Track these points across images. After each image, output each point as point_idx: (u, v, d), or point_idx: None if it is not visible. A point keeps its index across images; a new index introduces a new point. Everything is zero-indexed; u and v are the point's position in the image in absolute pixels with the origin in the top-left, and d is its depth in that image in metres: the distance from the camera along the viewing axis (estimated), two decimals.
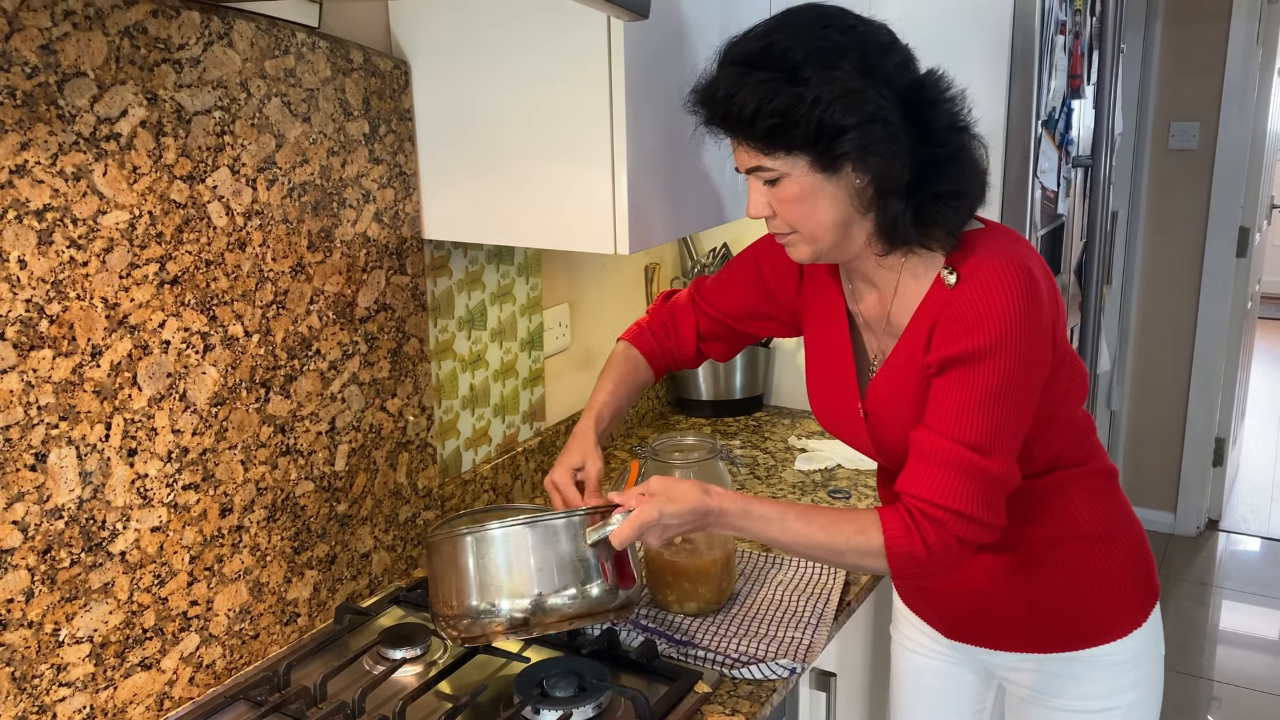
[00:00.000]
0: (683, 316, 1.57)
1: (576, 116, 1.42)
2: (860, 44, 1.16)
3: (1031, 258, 1.22)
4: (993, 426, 1.18)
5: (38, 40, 1.08)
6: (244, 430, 1.37)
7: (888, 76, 1.16)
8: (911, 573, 1.21)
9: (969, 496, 1.18)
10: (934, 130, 1.18)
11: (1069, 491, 1.36)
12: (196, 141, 1.26)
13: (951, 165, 1.20)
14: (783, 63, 1.14)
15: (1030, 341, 1.18)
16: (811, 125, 1.14)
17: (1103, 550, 1.37)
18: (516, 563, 1.24)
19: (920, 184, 1.18)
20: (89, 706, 1.23)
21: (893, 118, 1.15)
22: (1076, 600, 1.37)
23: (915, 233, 1.21)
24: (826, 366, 1.41)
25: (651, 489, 1.23)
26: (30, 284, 1.11)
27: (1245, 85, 3.76)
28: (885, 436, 1.34)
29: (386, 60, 1.51)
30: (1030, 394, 1.21)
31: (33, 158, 1.09)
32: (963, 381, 1.19)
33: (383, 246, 1.54)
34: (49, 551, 1.16)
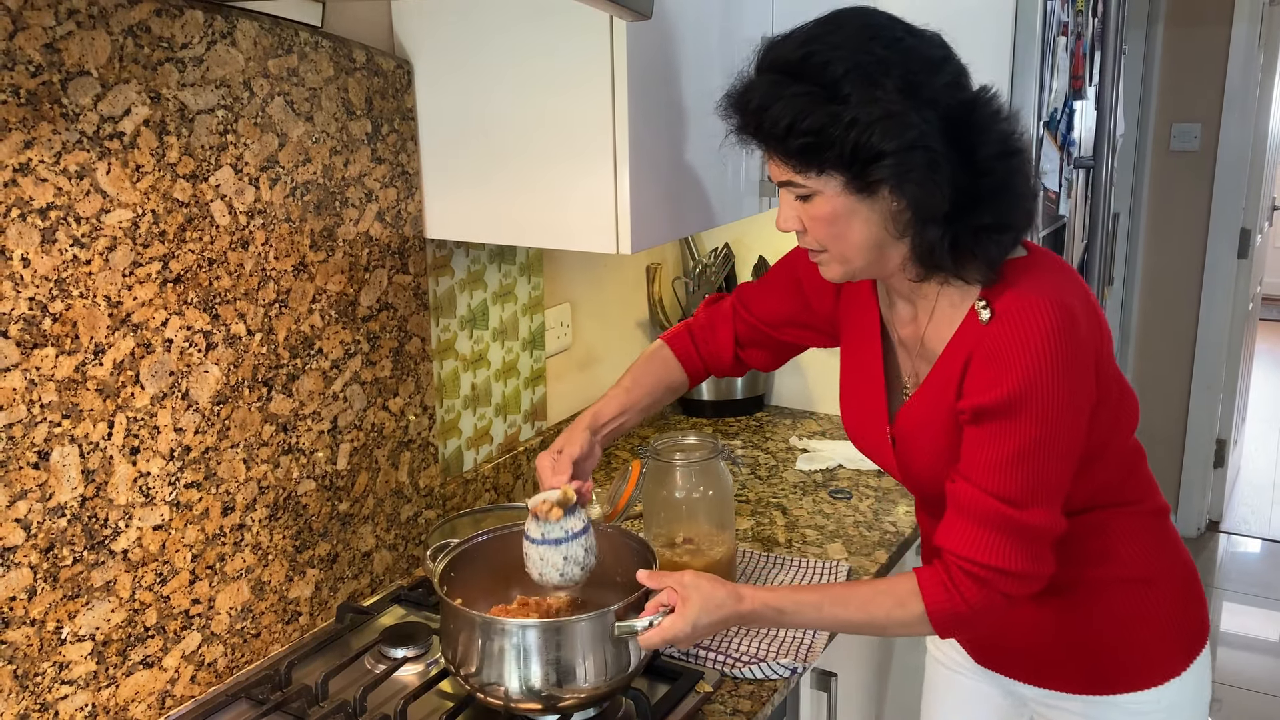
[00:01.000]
0: (721, 321, 1.52)
1: (579, 116, 1.42)
2: (906, 60, 1.09)
3: (1072, 291, 1.16)
4: (1030, 479, 1.13)
5: (41, 39, 1.08)
6: (246, 429, 1.37)
7: (933, 97, 1.09)
8: (959, 631, 1.19)
9: (1011, 553, 1.14)
10: (979, 158, 1.11)
11: (1109, 531, 1.29)
12: (199, 140, 1.26)
13: (996, 196, 1.13)
14: (822, 76, 1.08)
15: (1068, 386, 1.12)
16: (846, 148, 1.08)
17: (1142, 594, 1.30)
18: (535, 655, 1.21)
19: (960, 214, 1.12)
20: (91, 704, 1.23)
21: (934, 144, 1.08)
22: (1109, 644, 1.31)
23: (952, 263, 1.15)
24: (858, 385, 1.37)
25: (686, 592, 1.21)
26: (33, 282, 1.11)
27: (1246, 87, 3.76)
28: (912, 465, 1.30)
29: (389, 60, 1.51)
30: (1070, 440, 1.15)
31: (36, 156, 1.10)
32: (997, 434, 1.13)
33: (385, 246, 1.54)
34: (51, 549, 1.16)
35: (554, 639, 1.21)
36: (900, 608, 1.18)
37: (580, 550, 1.32)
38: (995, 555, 1.14)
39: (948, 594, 1.16)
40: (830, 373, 2.34)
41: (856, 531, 1.80)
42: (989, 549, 1.14)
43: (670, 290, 2.36)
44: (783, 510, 1.89)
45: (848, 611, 1.20)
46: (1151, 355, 4.11)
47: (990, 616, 1.17)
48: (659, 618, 1.21)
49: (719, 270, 2.31)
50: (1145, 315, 4.09)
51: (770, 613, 1.22)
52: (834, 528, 1.82)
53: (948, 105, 1.10)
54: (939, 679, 1.57)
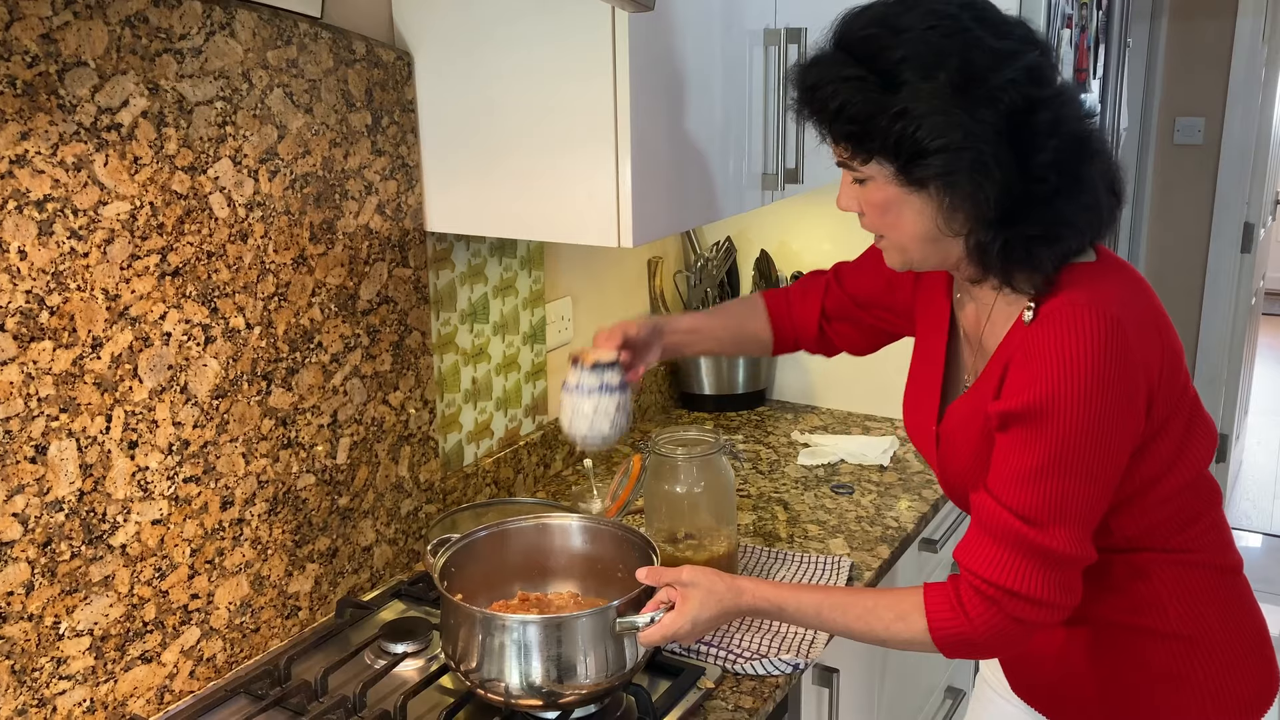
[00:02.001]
0: (813, 290, 1.49)
1: (581, 109, 1.41)
2: (967, 51, 1.03)
3: (1133, 305, 1.08)
4: (1052, 498, 1.06)
5: (38, 29, 1.07)
6: (245, 423, 1.36)
7: (992, 95, 1.02)
8: (965, 653, 1.14)
9: (1025, 574, 1.07)
10: (1034, 164, 1.04)
11: (1154, 578, 1.19)
12: (198, 132, 1.25)
13: (1050, 205, 1.06)
14: (878, 61, 1.04)
15: (1101, 404, 1.04)
16: (891, 139, 1.04)
17: (1183, 653, 1.20)
18: (535, 652, 1.21)
19: (1011, 220, 1.06)
20: (89, 699, 1.22)
21: (984, 145, 1.02)
22: (1141, 697, 1.22)
23: (1001, 269, 1.10)
24: (919, 376, 1.34)
25: (685, 587, 1.20)
26: (30, 275, 1.10)
27: (1251, 80, 3.75)
28: (948, 468, 1.26)
29: (389, 51, 1.50)
30: (1099, 463, 1.07)
31: (33, 148, 1.09)
32: (1022, 443, 1.07)
33: (385, 239, 1.53)
34: (49, 544, 1.15)
35: (554, 635, 1.20)
36: (901, 621, 1.14)
37: (612, 405, 1.31)
38: (1007, 575, 1.08)
39: (953, 612, 1.11)
40: (831, 368, 2.34)
41: (859, 527, 1.79)
42: (1002, 568, 1.08)
43: (672, 284, 2.35)
44: (784, 505, 1.88)
45: (847, 619, 1.18)
46: None
47: (999, 641, 1.11)
48: (659, 614, 1.20)
49: (721, 264, 2.30)
50: None
51: (770, 608, 1.21)
52: (836, 523, 1.81)
53: (1010, 103, 1.03)
54: (987, 703, 1.48)
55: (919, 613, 1.13)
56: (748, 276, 2.37)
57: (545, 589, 1.44)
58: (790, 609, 1.20)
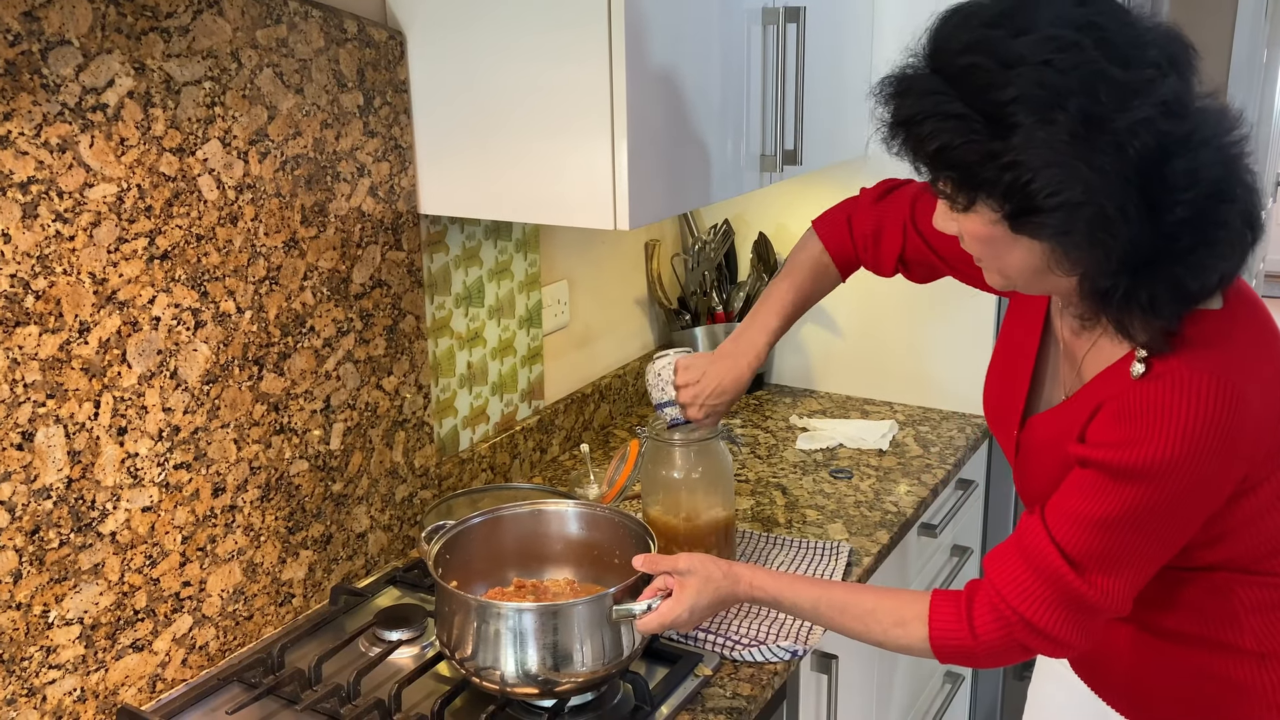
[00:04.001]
0: (890, 234, 1.38)
1: (576, 89, 1.39)
2: (1092, 86, 0.89)
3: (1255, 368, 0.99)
4: (1106, 550, 1.02)
5: (20, 6, 1.05)
6: (236, 408, 1.34)
7: (1119, 140, 0.89)
8: (959, 662, 1.13)
9: (1046, 608, 1.05)
10: (1168, 221, 0.92)
11: (1235, 596, 1.14)
12: (186, 113, 1.23)
13: (1178, 263, 0.95)
14: (986, 100, 0.91)
15: (1196, 481, 0.98)
16: (1000, 189, 0.93)
17: (1253, 669, 1.15)
18: (531, 639, 1.20)
19: (1136, 272, 0.95)
20: (80, 688, 1.21)
21: (1109, 200, 0.90)
22: (1209, 709, 1.18)
23: (1117, 317, 0.99)
24: (1004, 373, 1.27)
25: (683, 576, 1.19)
26: (15, 259, 1.08)
27: (1252, 62, 3.73)
28: (1027, 478, 1.22)
29: (381, 30, 1.47)
30: (1176, 530, 1.03)
31: (16, 128, 1.06)
32: (1096, 491, 1.02)
33: (378, 221, 1.51)
34: (37, 532, 1.14)
35: (550, 622, 1.19)
36: (899, 628, 1.13)
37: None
38: (1030, 606, 1.06)
39: (959, 624, 1.09)
40: (831, 351, 2.32)
41: (857, 511, 1.78)
42: (1028, 597, 1.06)
43: (669, 267, 2.33)
44: (783, 490, 1.87)
45: (844, 619, 1.17)
46: None
47: (997, 659, 1.10)
48: (656, 601, 1.19)
49: (719, 247, 2.27)
50: None
51: (767, 598, 1.20)
52: (834, 508, 1.79)
53: (1140, 149, 0.90)
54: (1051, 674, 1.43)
55: (920, 622, 1.12)
56: (746, 259, 2.35)
57: (541, 575, 1.43)
58: (787, 601, 1.19)
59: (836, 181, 2.12)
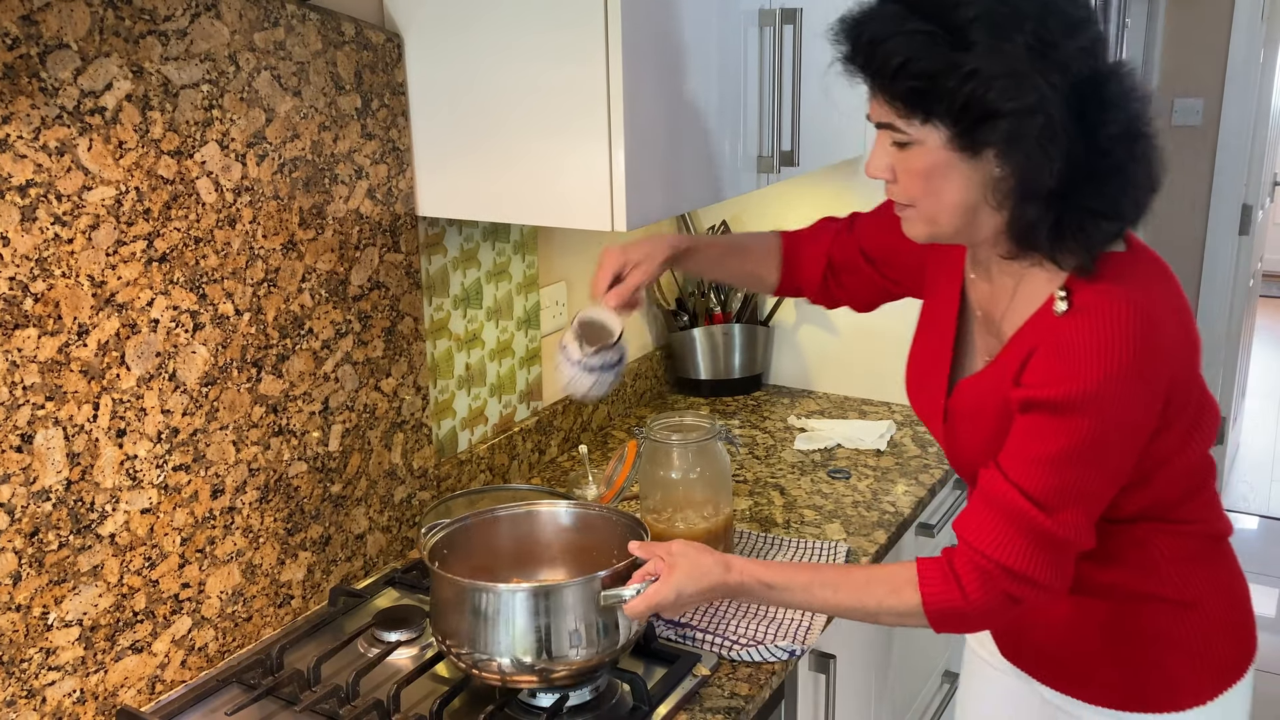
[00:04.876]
0: (824, 235, 1.44)
1: (573, 90, 1.39)
2: (1044, 15, 1.00)
3: (1164, 300, 1.08)
4: (1064, 486, 1.07)
5: (18, 10, 1.05)
6: (235, 410, 1.34)
7: (1065, 61, 1.00)
8: (956, 626, 1.15)
9: (1024, 554, 1.08)
10: (1101, 136, 1.03)
11: (1154, 546, 1.21)
12: (184, 116, 1.23)
13: (1111, 179, 1.05)
14: (948, 18, 0.99)
15: (1130, 402, 1.05)
16: (959, 100, 1.00)
17: (1176, 617, 1.22)
18: (524, 622, 1.20)
19: (1068, 193, 1.04)
20: (79, 690, 1.21)
21: (1056, 112, 1.00)
22: (1133, 661, 1.24)
23: (1049, 245, 1.07)
24: (926, 349, 1.32)
25: (673, 558, 1.19)
26: (14, 262, 1.09)
27: (1249, 61, 3.72)
28: (957, 445, 1.25)
29: (379, 33, 1.48)
30: (1120, 457, 1.09)
31: (14, 132, 1.07)
32: (1044, 431, 1.07)
33: (376, 223, 1.51)
34: (36, 534, 1.14)
35: (541, 604, 1.20)
36: (894, 596, 1.14)
37: (610, 377, 1.37)
38: (1009, 554, 1.09)
39: (947, 586, 1.11)
40: (828, 352, 2.32)
41: (855, 512, 1.78)
42: (1004, 547, 1.09)
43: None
44: (781, 490, 1.87)
45: (839, 596, 1.17)
46: None
47: (991, 617, 1.13)
48: (645, 586, 1.19)
49: None
50: None
51: (759, 587, 1.19)
52: (832, 508, 1.80)
53: (1078, 72, 1.01)
54: (975, 671, 1.50)
55: (913, 587, 1.13)
56: None
57: (537, 575, 1.43)
58: (780, 587, 1.19)
59: (833, 182, 2.13)
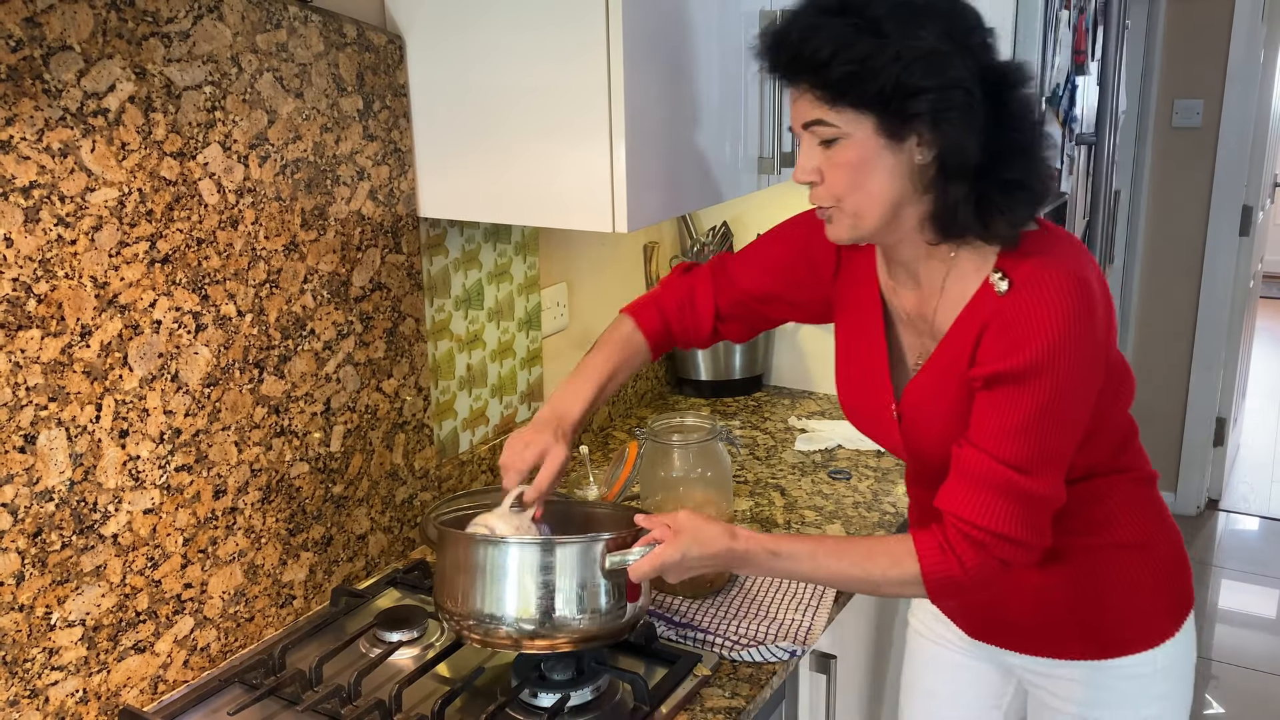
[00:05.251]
0: (702, 294, 1.46)
1: (574, 92, 1.39)
2: (949, 11, 1.11)
3: (1089, 267, 1.16)
4: (1039, 447, 1.14)
5: (22, 13, 1.06)
6: (237, 411, 1.35)
7: (973, 48, 1.11)
8: (951, 594, 1.19)
9: (1011, 518, 1.14)
10: (1012, 114, 1.13)
11: (1107, 498, 1.31)
12: (187, 117, 1.23)
13: (1025, 154, 1.14)
14: (864, 13, 1.08)
15: (1082, 360, 1.13)
16: (890, 79, 1.07)
17: (1136, 559, 1.32)
18: (529, 579, 1.21)
19: (990, 168, 1.12)
20: (82, 690, 1.21)
21: (973, 89, 1.09)
22: (1105, 609, 1.32)
23: (976, 221, 1.15)
24: (858, 363, 1.36)
25: (679, 524, 1.20)
26: (17, 263, 1.09)
27: (1250, 62, 3.73)
28: (921, 440, 1.29)
29: (380, 35, 1.48)
30: (1079, 412, 1.16)
31: (18, 133, 1.07)
32: (1010, 400, 1.14)
33: (377, 225, 1.52)
34: (39, 534, 1.14)
35: (546, 559, 1.20)
36: (895, 566, 1.18)
37: None
38: (996, 520, 1.14)
39: (944, 556, 1.16)
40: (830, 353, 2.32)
41: (856, 512, 1.78)
42: (991, 513, 1.14)
43: (668, 269, 2.34)
44: (781, 491, 1.88)
45: (842, 564, 1.20)
46: (1152, 333, 4.09)
47: (985, 583, 1.17)
48: (650, 549, 1.20)
49: (717, 248, 2.28)
50: (1146, 293, 4.07)
51: (764, 554, 1.21)
52: (833, 508, 1.80)
53: (984, 60, 1.12)
54: (922, 653, 1.56)
55: (911, 558, 1.17)
56: None
57: None
58: (785, 555, 1.21)
59: None
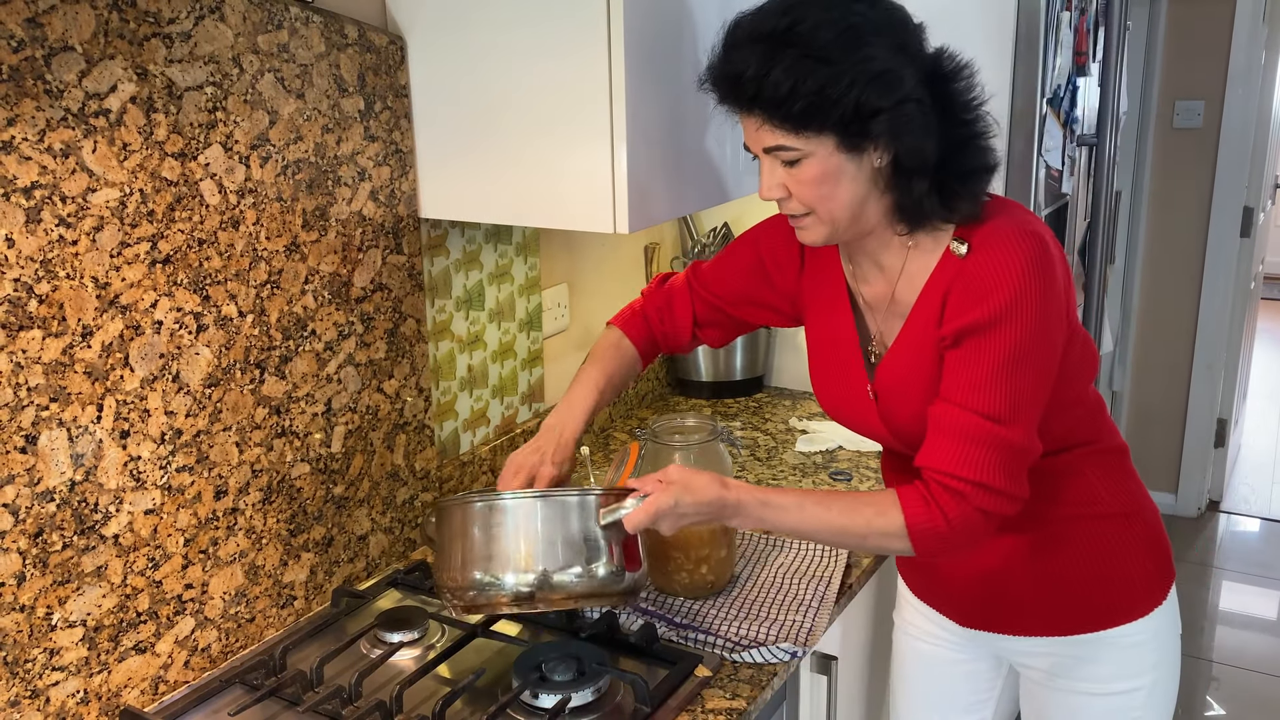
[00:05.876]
0: (679, 301, 1.52)
1: (575, 93, 1.39)
2: (890, 19, 1.15)
3: (1040, 225, 1.21)
4: (1011, 395, 1.17)
5: (23, 13, 1.06)
6: (238, 412, 1.35)
7: (916, 54, 1.15)
8: (936, 548, 1.20)
9: (989, 467, 1.17)
10: (957, 106, 1.18)
11: (1085, 470, 1.34)
12: (188, 118, 1.24)
13: (975, 141, 1.20)
14: (811, 42, 1.11)
15: (1045, 308, 1.17)
16: (849, 105, 1.11)
17: (1122, 528, 1.36)
18: (526, 535, 1.22)
19: (946, 162, 1.17)
20: (83, 690, 1.21)
21: (923, 96, 1.14)
22: (1096, 580, 1.35)
23: (940, 208, 1.20)
24: (830, 352, 1.39)
25: (670, 477, 1.22)
26: (19, 263, 1.09)
27: (1251, 63, 3.73)
28: (898, 416, 1.31)
29: (382, 35, 1.48)
30: (1047, 362, 1.20)
31: (20, 134, 1.07)
32: (979, 351, 1.17)
33: (379, 225, 1.52)
34: (40, 534, 1.14)
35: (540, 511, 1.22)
36: (880, 516, 1.20)
37: None
38: (975, 469, 1.17)
39: (927, 508, 1.18)
40: None
41: None
42: (969, 463, 1.17)
43: (669, 270, 2.34)
44: None
45: (830, 514, 1.22)
46: (1153, 334, 4.09)
47: (967, 534, 1.19)
48: (643, 499, 1.21)
49: (718, 249, 2.28)
50: (1147, 293, 4.07)
51: (755, 504, 1.22)
52: None
53: (924, 60, 1.16)
54: (910, 652, 1.57)
55: (896, 509, 1.19)
56: None
57: None
58: (775, 505, 1.23)
59: None
